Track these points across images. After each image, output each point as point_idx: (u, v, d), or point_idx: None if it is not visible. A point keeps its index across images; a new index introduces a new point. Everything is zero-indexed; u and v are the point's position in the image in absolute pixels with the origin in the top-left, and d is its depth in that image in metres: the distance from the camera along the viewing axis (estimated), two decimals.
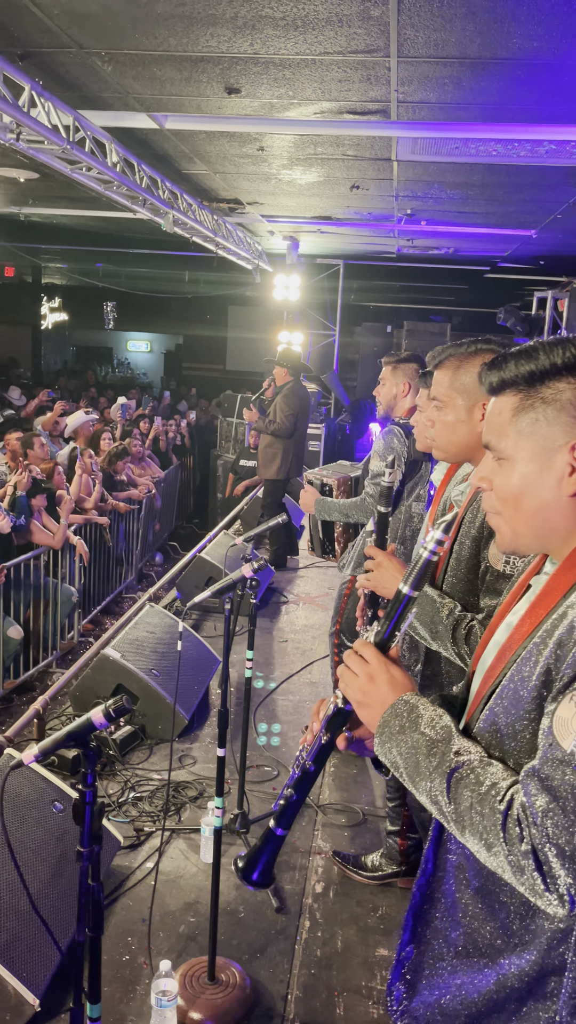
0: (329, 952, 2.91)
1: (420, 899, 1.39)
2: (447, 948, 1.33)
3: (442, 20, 3.28)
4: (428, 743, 1.23)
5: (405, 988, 1.39)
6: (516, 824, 1.12)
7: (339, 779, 4.02)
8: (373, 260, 12.07)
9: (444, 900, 1.34)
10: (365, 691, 1.33)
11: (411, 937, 1.40)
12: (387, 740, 1.28)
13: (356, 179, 6.39)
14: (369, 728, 1.34)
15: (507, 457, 1.27)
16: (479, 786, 1.17)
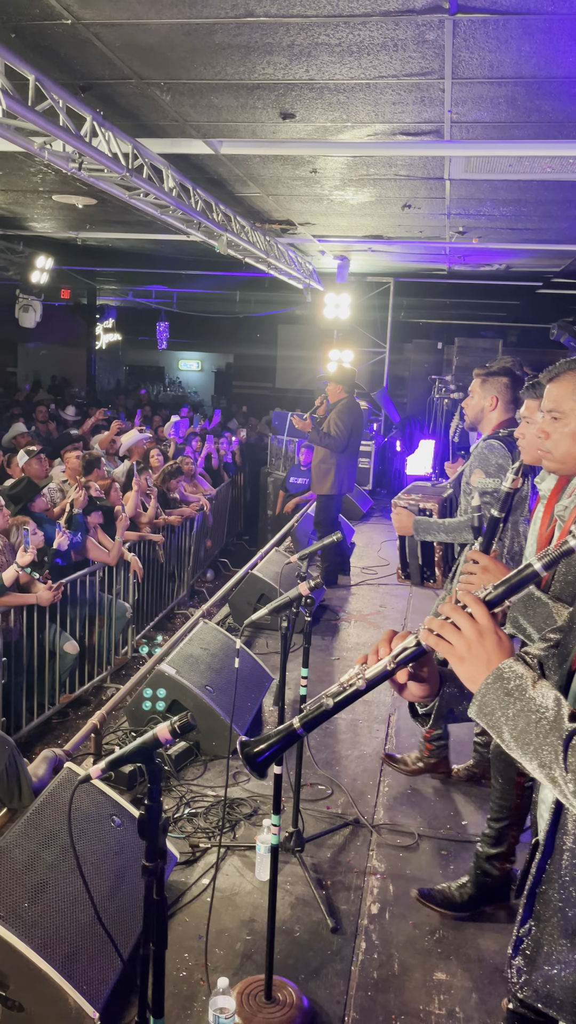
0: (386, 974, 2.88)
1: (538, 879, 1.45)
2: (565, 926, 1.39)
3: (497, 41, 3.30)
4: (538, 709, 1.27)
5: (525, 963, 1.45)
6: None
7: (392, 799, 3.99)
8: (424, 277, 12.07)
9: (561, 880, 1.40)
10: (471, 647, 1.34)
11: (529, 914, 1.46)
12: (491, 702, 1.31)
13: (408, 198, 6.42)
14: (467, 684, 1.36)
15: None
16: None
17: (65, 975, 2.49)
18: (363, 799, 3.98)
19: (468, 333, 13.67)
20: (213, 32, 3.39)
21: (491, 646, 1.34)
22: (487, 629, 1.35)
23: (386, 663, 1.40)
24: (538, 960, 1.41)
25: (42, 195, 7.13)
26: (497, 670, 1.31)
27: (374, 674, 1.40)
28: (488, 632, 1.34)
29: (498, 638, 1.34)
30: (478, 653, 1.34)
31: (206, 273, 12.41)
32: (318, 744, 4.53)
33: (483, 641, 1.34)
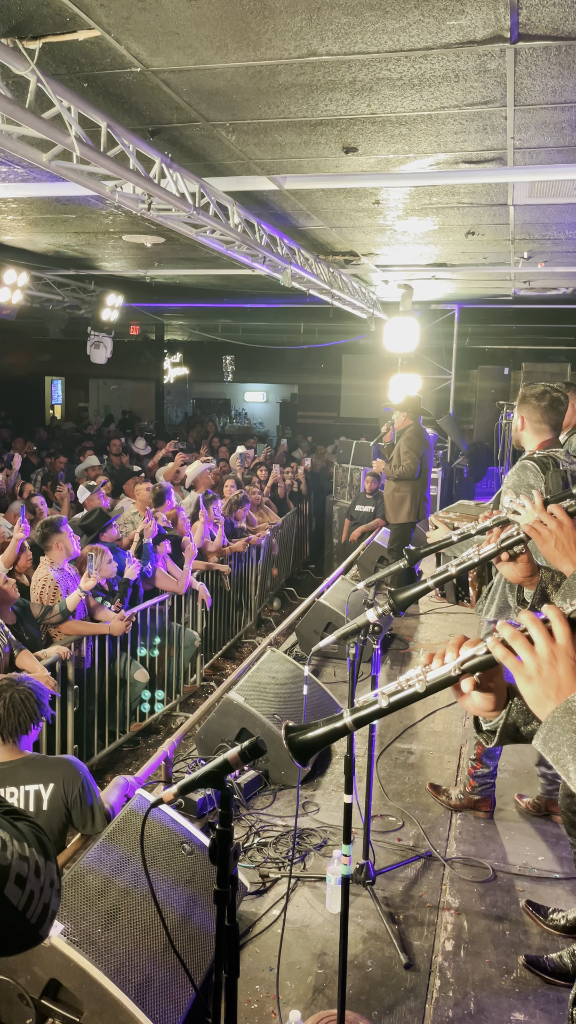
0: (462, 1014, 2.80)
1: None
2: None
3: (559, 67, 3.30)
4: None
5: None
6: None
7: (466, 832, 3.90)
8: (489, 303, 12.00)
9: None
10: (541, 669, 1.26)
11: None
12: (558, 735, 1.23)
13: (471, 225, 6.42)
14: (531, 706, 1.28)
15: None
16: None
17: (138, 1003, 2.49)
18: (435, 832, 3.90)
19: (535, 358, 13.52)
20: (276, 73, 3.49)
21: (565, 672, 1.25)
22: (563, 652, 1.26)
23: (451, 668, 1.32)
24: None
25: (112, 236, 7.38)
26: (567, 702, 1.23)
27: (436, 678, 1.32)
28: (564, 656, 1.25)
29: (573, 663, 1.25)
30: (549, 677, 1.25)
31: (271, 306, 12.60)
32: (388, 775, 4.47)
33: (556, 664, 1.25)
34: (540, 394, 3.48)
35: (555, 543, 2.22)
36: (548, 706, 1.26)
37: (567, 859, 3.61)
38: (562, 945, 3.08)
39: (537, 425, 3.49)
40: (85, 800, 3.19)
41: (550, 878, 3.54)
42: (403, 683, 1.35)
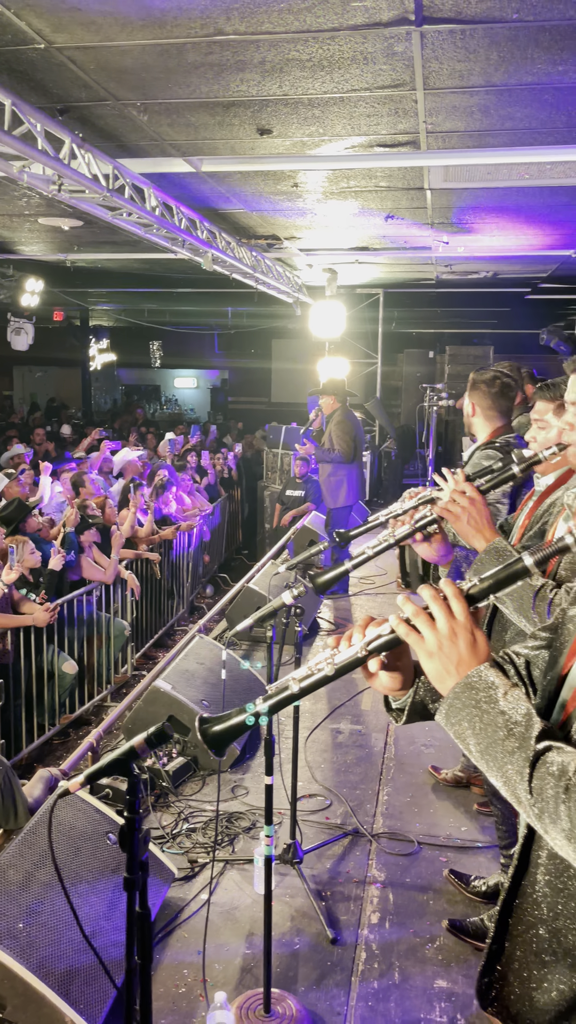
0: (387, 984, 2.86)
1: (511, 895, 1.39)
2: (537, 944, 1.33)
3: (465, 51, 3.34)
4: (507, 724, 1.21)
5: (496, 980, 1.39)
6: None
7: (393, 807, 3.98)
8: (413, 287, 12.13)
9: (535, 895, 1.34)
10: (442, 645, 1.28)
11: (502, 932, 1.40)
12: (459, 711, 1.25)
13: (390, 209, 6.47)
14: (433, 683, 1.30)
15: None
16: (564, 775, 1.16)
17: (62, 995, 2.47)
18: (362, 808, 3.96)
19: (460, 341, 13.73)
20: (184, 52, 3.44)
21: (464, 647, 1.27)
22: (463, 627, 1.28)
23: (358, 650, 1.33)
24: (509, 977, 1.36)
25: (28, 218, 7.19)
26: (467, 677, 1.25)
27: (344, 660, 1.33)
28: (463, 631, 1.28)
29: (473, 639, 1.28)
30: (449, 652, 1.27)
31: (197, 291, 12.49)
32: (317, 755, 4.52)
33: (456, 640, 1.27)
34: (490, 380, 3.42)
35: (467, 520, 2.26)
36: (449, 682, 1.28)
37: (488, 828, 3.71)
38: (484, 910, 3.17)
39: (488, 412, 3.44)
40: (7, 795, 3.14)
41: (472, 847, 3.64)
42: (313, 667, 1.36)
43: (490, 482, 2.34)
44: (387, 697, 1.51)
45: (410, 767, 4.29)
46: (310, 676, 1.33)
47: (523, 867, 1.38)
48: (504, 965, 1.39)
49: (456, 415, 10.59)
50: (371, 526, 2.57)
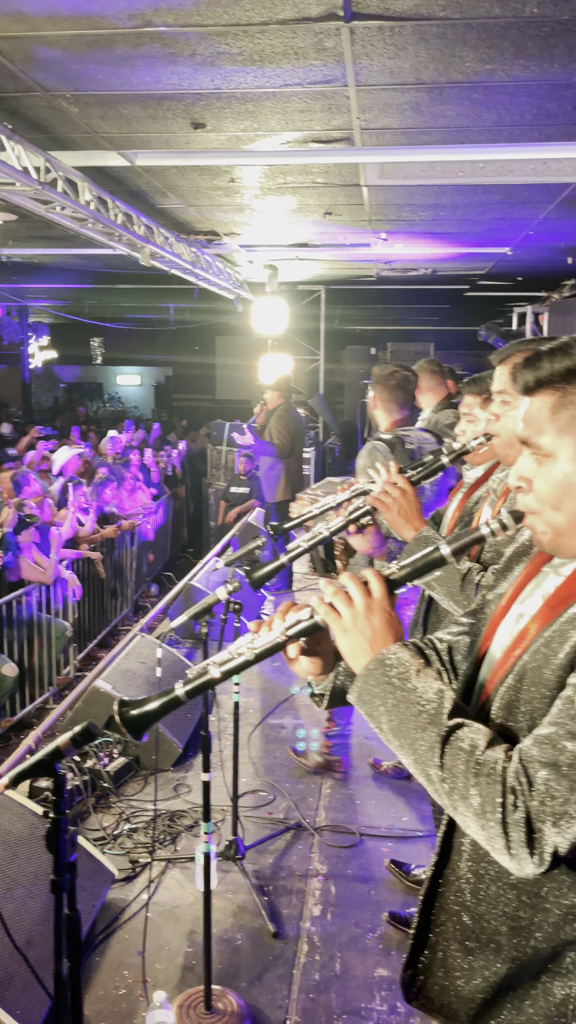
0: (328, 975, 2.88)
1: (435, 883, 1.40)
2: (462, 932, 1.34)
3: (395, 48, 3.36)
4: (419, 701, 1.22)
5: (420, 971, 1.40)
6: (512, 793, 1.13)
7: (335, 800, 4.00)
8: (354, 284, 12.20)
9: (457, 884, 1.35)
10: (356, 621, 1.29)
11: (425, 921, 1.40)
12: (372, 688, 1.26)
13: (328, 206, 6.49)
14: (348, 661, 1.31)
15: (548, 455, 1.26)
16: (475, 752, 1.17)
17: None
18: (305, 802, 3.98)
19: (402, 338, 13.85)
20: (113, 43, 3.39)
21: (379, 624, 1.28)
22: (378, 606, 1.29)
23: (277, 634, 1.34)
24: (434, 967, 1.37)
25: None
26: (380, 655, 1.26)
27: (264, 645, 1.34)
28: (379, 609, 1.29)
29: (388, 617, 1.29)
30: (363, 629, 1.28)
31: (138, 287, 12.35)
32: (261, 750, 4.52)
33: (371, 617, 1.28)
34: (389, 374, 3.61)
35: (398, 510, 2.30)
36: (363, 658, 1.29)
37: (428, 817, 3.76)
38: None
39: (387, 404, 3.63)
40: None
41: (413, 836, 3.69)
42: (233, 652, 1.36)
43: (420, 473, 2.38)
44: (310, 682, 1.52)
45: (352, 760, 4.31)
46: (230, 660, 1.34)
47: (445, 855, 1.40)
48: (428, 955, 1.40)
49: None
50: (306, 519, 2.58)
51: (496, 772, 1.15)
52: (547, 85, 3.73)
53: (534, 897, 1.26)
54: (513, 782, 1.13)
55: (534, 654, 1.25)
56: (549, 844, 1.11)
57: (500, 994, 1.30)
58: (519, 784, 1.13)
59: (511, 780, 1.14)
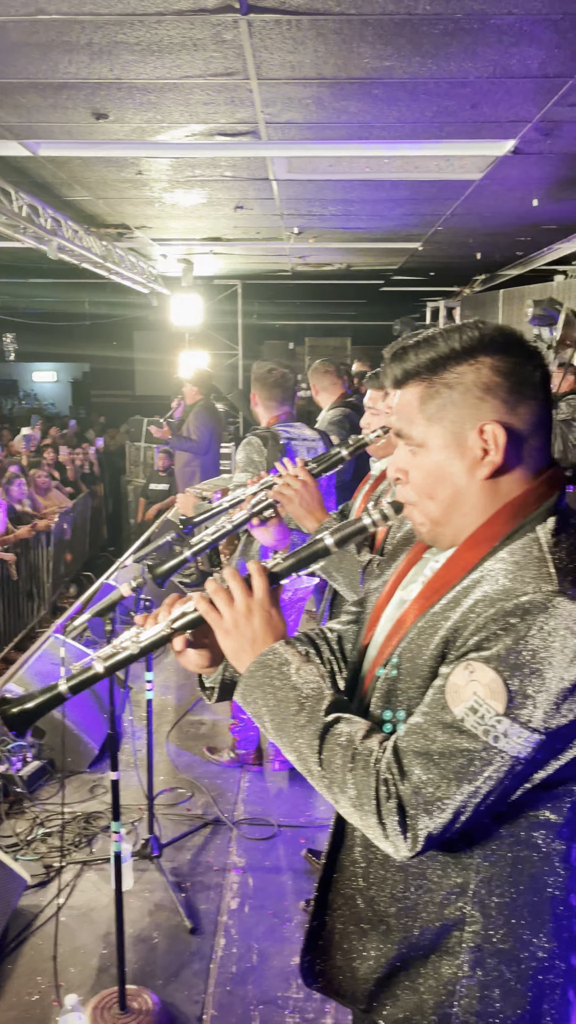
0: (245, 967, 2.89)
1: (329, 869, 1.41)
2: (357, 915, 1.35)
3: (293, 42, 3.37)
4: (298, 699, 1.23)
5: (318, 956, 1.41)
6: (384, 783, 1.15)
7: (253, 793, 4.02)
8: (270, 279, 12.22)
9: (351, 869, 1.37)
10: (237, 623, 1.29)
11: (322, 907, 1.41)
12: (253, 689, 1.26)
13: (238, 199, 6.47)
14: (231, 661, 1.31)
15: (420, 444, 1.28)
16: (351, 745, 1.19)
17: None
18: (224, 797, 3.98)
19: (319, 333, 13.97)
20: (6, 30, 3.29)
21: (260, 624, 1.29)
22: (259, 605, 1.30)
23: (162, 627, 1.33)
24: (331, 951, 1.39)
25: None
26: (261, 655, 1.27)
27: (149, 638, 1.33)
28: (259, 609, 1.29)
29: (268, 616, 1.30)
30: (244, 630, 1.29)
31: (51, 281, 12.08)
32: (180, 747, 4.49)
33: (251, 618, 1.29)
34: (268, 372, 3.67)
35: (300, 502, 2.32)
36: (245, 660, 1.30)
37: None
38: None
39: (267, 402, 3.70)
40: None
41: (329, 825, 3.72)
42: (118, 646, 1.35)
43: (321, 466, 2.40)
44: (200, 676, 1.52)
45: (268, 752, 4.33)
46: (115, 655, 1.33)
47: (339, 841, 1.42)
48: (326, 940, 1.42)
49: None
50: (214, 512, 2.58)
51: (371, 763, 1.17)
52: (445, 83, 3.80)
53: (420, 878, 1.29)
54: (386, 772, 1.16)
55: (410, 643, 1.28)
56: (423, 830, 1.14)
57: (393, 974, 1.32)
58: (391, 774, 1.16)
59: (384, 770, 1.16)
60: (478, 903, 1.27)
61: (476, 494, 1.27)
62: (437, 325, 8.79)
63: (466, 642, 1.18)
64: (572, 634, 1.13)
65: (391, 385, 1.33)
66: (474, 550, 1.27)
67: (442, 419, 1.27)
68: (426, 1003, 1.30)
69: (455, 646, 1.21)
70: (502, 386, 1.26)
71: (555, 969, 1.31)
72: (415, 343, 1.31)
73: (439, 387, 1.27)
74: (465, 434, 1.26)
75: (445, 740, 1.15)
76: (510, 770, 1.14)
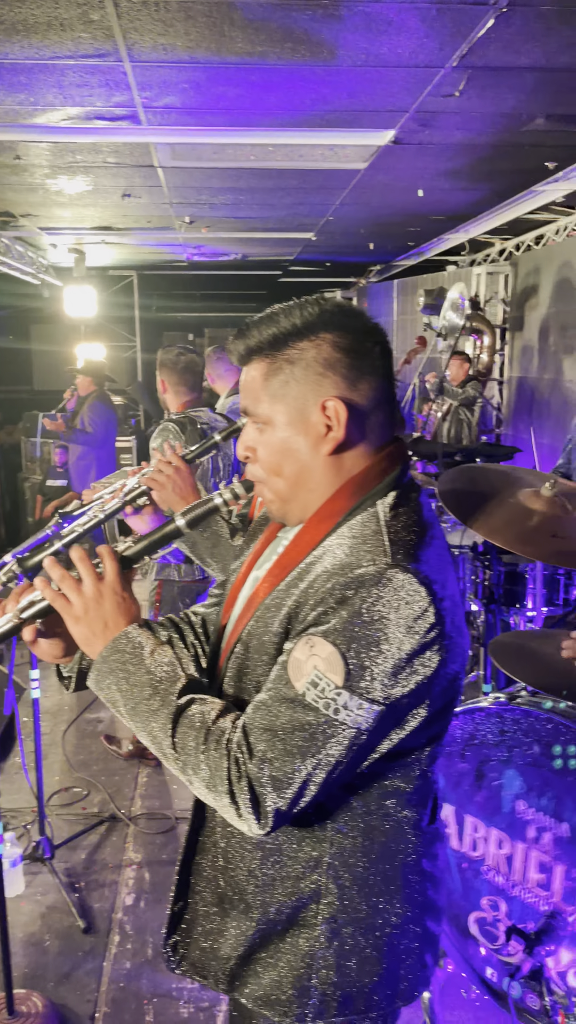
0: (139, 963, 2.86)
1: (190, 851, 1.40)
2: (218, 895, 1.35)
3: (163, 25, 3.31)
4: (152, 683, 1.22)
5: (181, 938, 1.41)
6: (235, 762, 1.15)
7: (151, 787, 3.98)
8: (167, 270, 12.07)
9: (212, 850, 1.36)
10: (87, 609, 1.26)
11: (184, 889, 1.41)
12: (106, 675, 1.25)
13: (125, 187, 6.35)
14: (82, 647, 1.29)
15: (266, 422, 1.27)
16: (204, 726, 1.19)
17: None
18: (120, 793, 3.92)
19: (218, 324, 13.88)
20: None
21: (110, 609, 1.27)
22: (109, 590, 1.28)
23: (11, 618, 1.30)
24: (193, 933, 1.39)
25: None
26: (113, 640, 1.25)
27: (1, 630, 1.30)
28: (110, 593, 1.28)
29: (120, 600, 1.28)
30: (95, 616, 1.26)
31: None
32: (76, 746, 4.40)
33: (102, 603, 1.27)
34: (176, 356, 3.61)
35: (172, 488, 2.29)
36: (97, 646, 1.28)
37: None
38: None
39: (177, 387, 3.64)
40: None
41: None
42: None
43: (194, 451, 2.38)
44: (58, 666, 1.48)
45: None
46: None
47: (199, 823, 1.41)
48: (189, 923, 1.41)
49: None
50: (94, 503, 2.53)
51: (223, 742, 1.17)
52: (320, 71, 3.81)
53: (275, 853, 1.30)
54: (236, 751, 1.16)
55: (257, 621, 1.28)
56: (271, 806, 1.14)
57: (254, 952, 1.33)
58: (241, 753, 1.16)
59: (234, 749, 1.16)
60: (333, 875, 1.28)
61: (321, 470, 1.28)
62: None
63: (306, 617, 1.19)
64: (406, 604, 1.15)
65: (236, 362, 1.34)
66: (319, 526, 1.27)
67: (285, 396, 1.27)
68: (285, 978, 1.31)
69: (297, 621, 1.21)
70: (342, 362, 1.27)
71: (410, 934, 1.34)
72: (257, 320, 1.31)
73: (281, 363, 1.27)
74: (308, 410, 1.26)
75: (288, 715, 1.15)
76: (353, 741, 1.16)
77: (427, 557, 1.20)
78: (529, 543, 2.27)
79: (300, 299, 1.32)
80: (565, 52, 3.53)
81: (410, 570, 1.16)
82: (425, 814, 1.35)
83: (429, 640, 1.16)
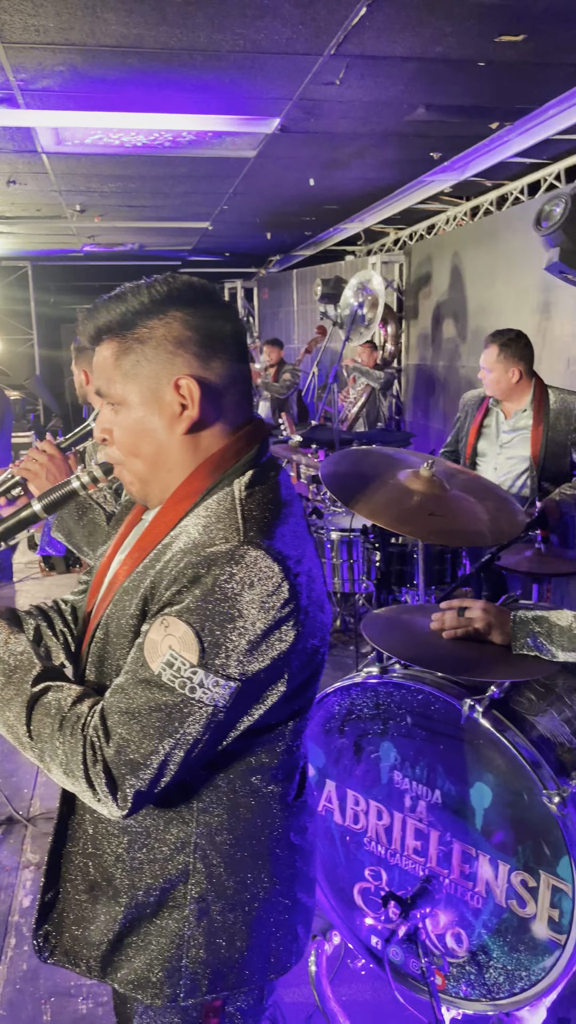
0: (36, 963, 2.80)
1: (59, 839, 1.38)
2: (88, 882, 1.34)
3: (33, 5, 3.22)
4: (5, 672, 1.21)
5: (52, 928, 1.38)
6: (91, 747, 1.14)
7: (51, 787, 3.89)
8: (62, 260, 11.79)
9: (82, 837, 1.35)
10: None
11: (54, 878, 1.38)
12: None
13: (10, 174, 6.16)
14: None
15: (120, 402, 1.25)
16: (59, 713, 1.17)
17: None
18: (19, 794, 3.83)
19: None
20: None
21: None
22: None
23: None
24: (64, 922, 1.37)
25: None
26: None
27: None
28: None
29: None
30: None
31: None
32: None
33: None
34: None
35: (46, 476, 2.25)
36: None
37: None
38: None
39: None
40: None
41: None
42: None
43: (70, 439, 2.34)
44: None
45: None
46: None
47: (68, 811, 1.39)
48: (60, 911, 1.39)
49: None
50: None
51: (78, 727, 1.17)
52: (199, 56, 3.79)
53: (143, 837, 1.29)
54: (92, 735, 1.15)
55: (116, 604, 1.27)
56: (130, 789, 1.14)
57: (124, 936, 1.32)
58: (97, 737, 1.15)
59: (91, 733, 1.16)
60: (200, 855, 1.28)
61: (178, 450, 1.27)
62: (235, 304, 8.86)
63: (161, 597, 1.18)
64: (260, 580, 1.15)
65: (87, 343, 1.31)
66: (176, 507, 1.27)
67: (137, 375, 1.26)
68: (156, 960, 1.30)
69: (153, 602, 1.21)
70: (193, 340, 1.26)
71: (280, 907, 1.35)
72: (107, 299, 1.29)
73: (131, 342, 1.26)
74: (161, 389, 1.25)
75: (144, 697, 1.15)
76: (211, 719, 1.16)
77: (281, 533, 1.20)
78: (408, 522, 2.32)
79: (150, 277, 1.30)
80: (439, 42, 3.61)
81: (263, 546, 1.16)
82: (292, 788, 1.36)
83: (284, 615, 1.17)
